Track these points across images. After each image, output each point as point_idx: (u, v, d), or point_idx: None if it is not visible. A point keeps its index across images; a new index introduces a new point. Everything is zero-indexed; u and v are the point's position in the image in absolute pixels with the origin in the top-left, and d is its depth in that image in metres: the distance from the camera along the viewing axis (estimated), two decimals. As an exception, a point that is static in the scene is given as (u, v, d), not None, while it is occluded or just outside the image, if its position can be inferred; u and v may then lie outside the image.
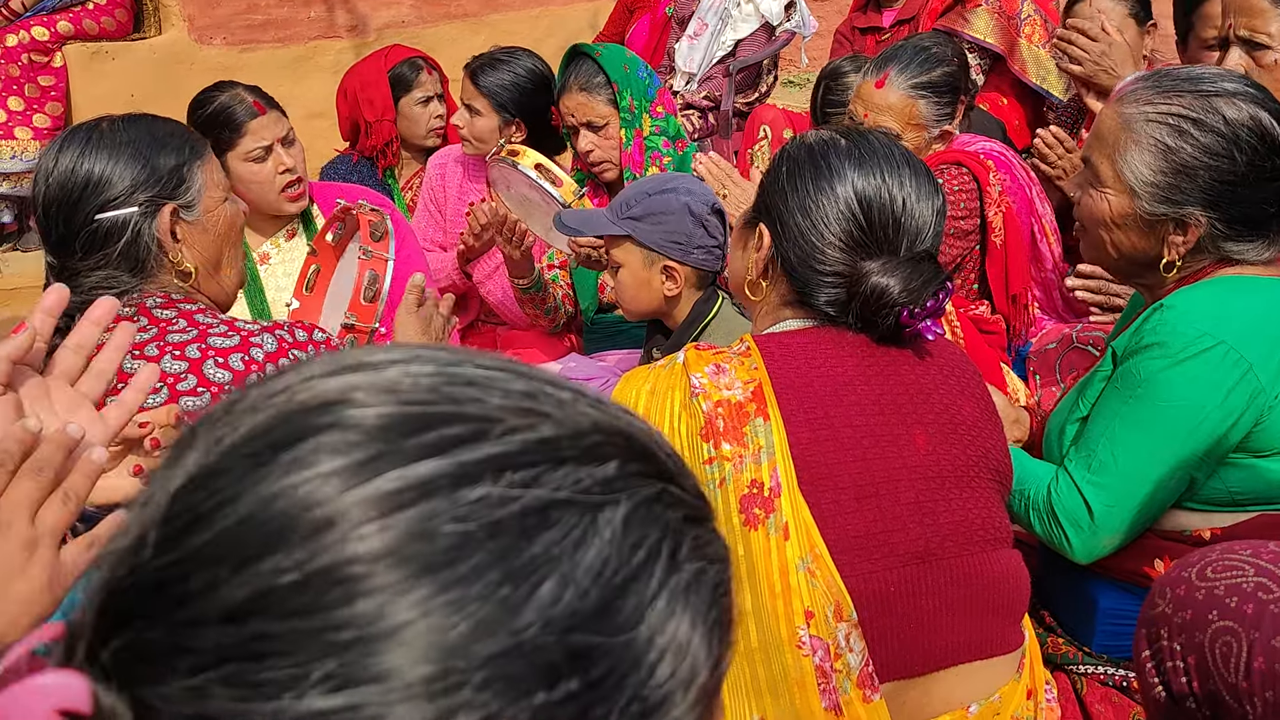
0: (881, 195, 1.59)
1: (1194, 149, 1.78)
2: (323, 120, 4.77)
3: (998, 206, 2.98)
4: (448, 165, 3.61)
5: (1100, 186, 1.89)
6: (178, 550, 0.51)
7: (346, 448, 0.52)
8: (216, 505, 0.51)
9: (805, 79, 7.55)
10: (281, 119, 2.91)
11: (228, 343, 1.74)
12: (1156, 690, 1.21)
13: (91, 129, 1.82)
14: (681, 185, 2.47)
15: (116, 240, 1.77)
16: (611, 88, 3.12)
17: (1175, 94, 1.82)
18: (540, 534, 0.51)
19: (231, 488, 0.52)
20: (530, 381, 0.58)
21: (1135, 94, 1.86)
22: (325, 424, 0.53)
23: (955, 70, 3.04)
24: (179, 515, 0.52)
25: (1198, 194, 1.79)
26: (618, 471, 0.55)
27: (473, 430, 0.53)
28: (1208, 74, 1.85)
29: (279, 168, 2.84)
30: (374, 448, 0.52)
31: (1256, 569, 1.16)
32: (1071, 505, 1.85)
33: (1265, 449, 1.81)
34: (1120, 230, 1.89)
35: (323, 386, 0.55)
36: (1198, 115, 1.79)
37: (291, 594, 0.49)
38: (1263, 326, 1.78)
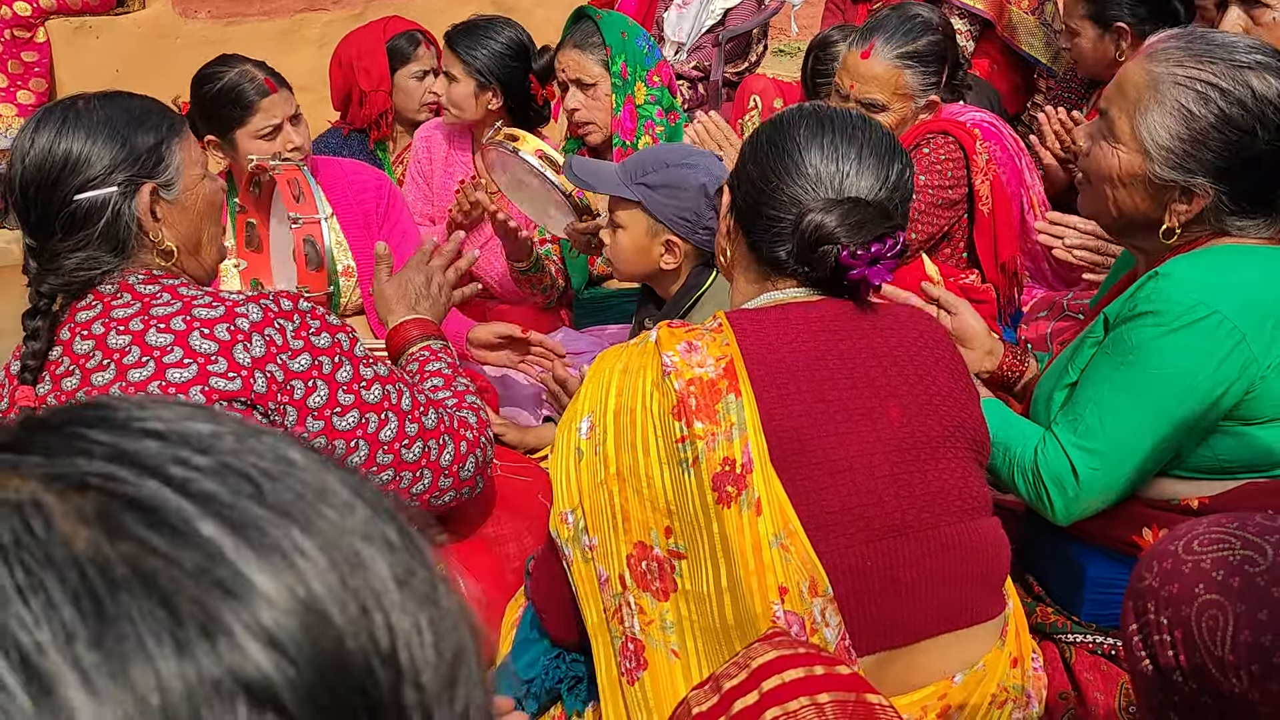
0: (835, 167, 1.60)
1: (1216, 118, 1.76)
2: (310, 94, 4.73)
3: (984, 175, 2.97)
4: (433, 137, 3.60)
5: (1114, 141, 1.86)
6: None
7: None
8: None
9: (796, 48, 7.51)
10: (290, 97, 2.90)
11: (213, 313, 1.73)
12: (1144, 664, 1.21)
13: (67, 108, 1.80)
14: (702, 164, 2.45)
15: (96, 220, 1.75)
16: (605, 50, 3.11)
17: (1207, 59, 1.78)
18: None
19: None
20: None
21: (1166, 53, 1.82)
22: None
23: (941, 39, 3.02)
24: None
25: (1210, 164, 1.77)
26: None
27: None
28: (1242, 43, 1.82)
29: (288, 145, 2.83)
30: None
31: (1243, 541, 1.17)
32: (1057, 467, 1.85)
33: (1255, 417, 1.81)
34: (1125, 189, 1.86)
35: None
36: (1226, 85, 1.76)
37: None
38: (1257, 296, 1.78)
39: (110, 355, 1.72)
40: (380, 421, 1.82)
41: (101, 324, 1.74)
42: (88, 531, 0.48)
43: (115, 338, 1.73)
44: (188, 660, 0.46)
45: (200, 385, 1.70)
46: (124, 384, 1.71)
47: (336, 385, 1.79)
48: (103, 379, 1.72)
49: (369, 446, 1.82)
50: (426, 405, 1.90)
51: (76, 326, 1.76)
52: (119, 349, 1.72)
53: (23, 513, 0.49)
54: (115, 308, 1.76)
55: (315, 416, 1.77)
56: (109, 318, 1.75)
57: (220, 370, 1.71)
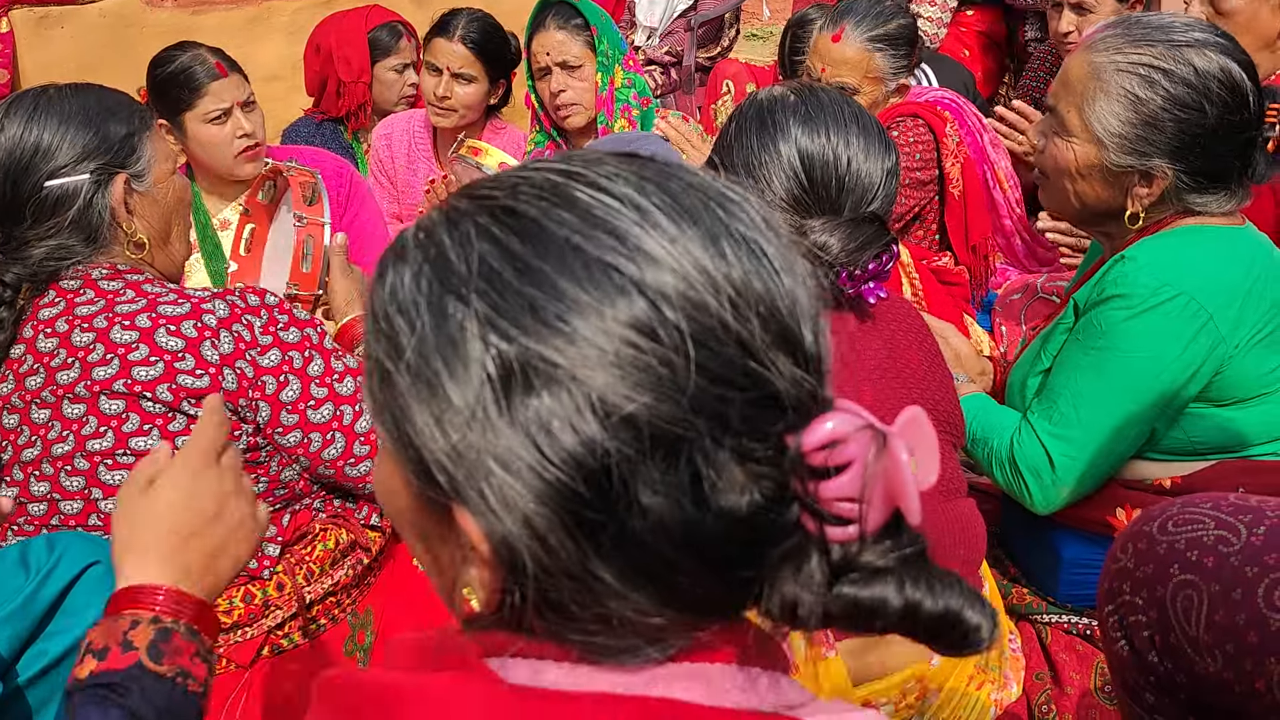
0: (826, 154, 1.58)
1: (1164, 100, 1.77)
2: (279, 83, 4.69)
3: (955, 158, 2.97)
4: (394, 135, 3.56)
5: (1066, 135, 1.87)
6: None
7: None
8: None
9: (768, 32, 7.50)
10: (243, 83, 2.87)
11: (178, 310, 1.72)
12: (1119, 644, 1.22)
13: (39, 95, 1.78)
14: (645, 147, 2.43)
15: (67, 209, 1.74)
16: (590, 31, 3.09)
17: (1146, 43, 1.80)
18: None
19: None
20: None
21: (1105, 41, 1.84)
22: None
23: (911, 22, 3.02)
24: None
25: (1165, 145, 1.79)
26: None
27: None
28: (1178, 23, 1.83)
29: (237, 131, 2.81)
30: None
31: (1217, 522, 1.17)
32: (1033, 456, 1.86)
33: (1225, 398, 1.82)
34: (1084, 180, 1.88)
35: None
36: (1168, 66, 1.77)
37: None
38: (1222, 277, 1.79)
39: (75, 353, 1.71)
40: (355, 413, 1.81)
41: (65, 321, 1.73)
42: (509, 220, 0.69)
43: (79, 335, 1.71)
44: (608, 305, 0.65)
45: (168, 383, 1.68)
46: (89, 381, 1.69)
47: (309, 379, 1.78)
48: (68, 377, 1.70)
49: (345, 438, 1.81)
50: (399, 396, 1.89)
51: (40, 324, 1.74)
52: (83, 347, 1.70)
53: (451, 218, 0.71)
54: (78, 305, 1.74)
55: (289, 411, 1.76)
56: (72, 315, 1.73)
57: (188, 368, 1.69)
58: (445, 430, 0.66)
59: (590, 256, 0.66)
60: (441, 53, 3.32)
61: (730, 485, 0.65)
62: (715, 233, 0.68)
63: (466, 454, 0.66)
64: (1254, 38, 2.74)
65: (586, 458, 0.63)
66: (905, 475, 0.67)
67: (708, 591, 0.68)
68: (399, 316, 0.69)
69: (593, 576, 0.65)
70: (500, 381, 0.65)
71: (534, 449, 0.64)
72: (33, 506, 1.75)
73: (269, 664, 1.82)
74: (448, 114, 3.35)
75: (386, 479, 0.74)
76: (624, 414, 0.63)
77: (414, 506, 0.72)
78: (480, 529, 0.66)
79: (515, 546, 0.65)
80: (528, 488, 0.64)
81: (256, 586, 1.80)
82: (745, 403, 0.65)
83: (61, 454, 1.72)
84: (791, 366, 0.67)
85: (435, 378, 0.66)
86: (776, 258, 0.70)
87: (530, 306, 0.65)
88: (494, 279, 0.66)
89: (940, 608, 0.69)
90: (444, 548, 0.73)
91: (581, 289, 0.65)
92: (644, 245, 0.66)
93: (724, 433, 0.64)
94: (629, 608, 0.66)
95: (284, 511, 1.84)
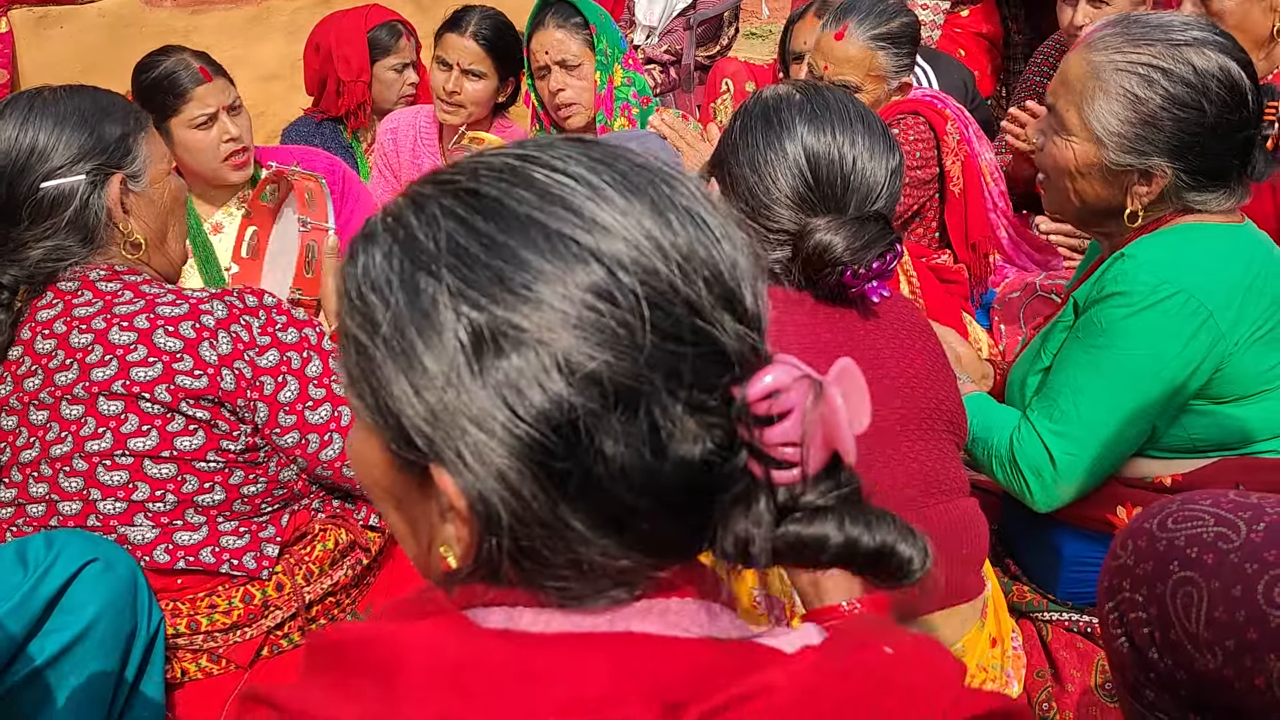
0: (831, 153, 1.57)
1: (1163, 99, 1.77)
2: (279, 83, 4.69)
3: (955, 156, 2.97)
4: (399, 129, 3.55)
5: (1065, 134, 1.87)
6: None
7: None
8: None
9: (767, 30, 7.50)
10: (229, 87, 2.85)
11: (176, 311, 1.72)
12: (1119, 642, 1.22)
13: (34, 97, 1.79)
14: (645, 145, 2.44)
15: (63, 209, 1.74)
16: (589, 30, 3.08)
17: (1145, 42, 1.80)
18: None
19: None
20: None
21: (1104, 40, 1.84)
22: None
23: (914, 20, 3.02)
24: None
25: (1164, 144, 1.78)
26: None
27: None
28: (1177, 22, 1.83)
29: (223, 136, 2.79)
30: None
31: (1217, 519, 1.17)
32: (1034, 454, 1.86)
33: (1225, 395, 1.82)
34: (1084, 179, 1.87)
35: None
36: (1167, 65, 1.77)
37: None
38: (1222, 274, 1.79)
39: (73, 355, 1.71)
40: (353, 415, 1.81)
41: (63, 323, 1.73)
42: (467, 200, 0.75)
43: (78, 337, 1.71)
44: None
45: (166, 384, 1.68)
46: (87, 383, 1.69)
47: (307, 380, 1.77)
48: (66, 379, 1.70)
49: (343, 439, 1.80)
50: (398, 397, 1.89)
51: (38, 326, 1.74)
52: (82, 348, 1.70)
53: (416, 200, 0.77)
54: (76, 306, 1.74)
55: (287, 411, 1.76)
56: (70, 316, 1.73)
57: (186, 368, 1.69)
58: (422, 396, 0.71)
59: (550, 230, 0.72)
60: (453, 48, 3.32)
61: (684, 435, 0.71)
62: (661, 206, 0.74)
63: (443, 417, 0.71)
64: (1245, 37, 2.73)
65: (554, 413, 0.69)
66: (841, 419, 0.74)
67: (667, 534, 0.74)
68: (372, 294, 0.74)
69: (563, 524, 0.71)
70: (472, 347, 0.70)
71: (505, 407, 0.70)
72: (31, 508, 1.74)
73: (268, 664, 1.82)
74: (456, 110, 3.34)
75: (362, 450, 0.79)
76: (587, 371, 0.69)
77: (390, 473, 0.77)
78: (457, 486, 0.71)
79: (491, 500, 0.71)
80: (501, 444, 0.70)
81: (256, 587, 1.79)
82: (695, 357, 0.71)
83: (60, 455, 1.72)
84: (735, 324, 0.74)
85: (411, 348, 0.72)
86: (717, 227, 0.76)
87: (498, 278, 0.71)
88: (462, 254, 0.72)
89: (876, 542, 0.76)
90: (419, 510, 0.78)
91: (544, 259, 0.71)
92: (598, 218, 0.73)
93: (678, 386, 0.71)
94: (597, 552, 0.72)
95: (283, 512, 1.84)
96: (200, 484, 1.74)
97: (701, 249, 0.74)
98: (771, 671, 0.73)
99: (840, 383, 0.75)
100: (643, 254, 0.72)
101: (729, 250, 0.76)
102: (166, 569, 1.74)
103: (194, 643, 1.77)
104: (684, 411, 0.71)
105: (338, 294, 0.79)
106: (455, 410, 0.71)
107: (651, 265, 0.72)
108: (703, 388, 0.72)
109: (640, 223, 0.73)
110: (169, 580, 1.76)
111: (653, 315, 0.71)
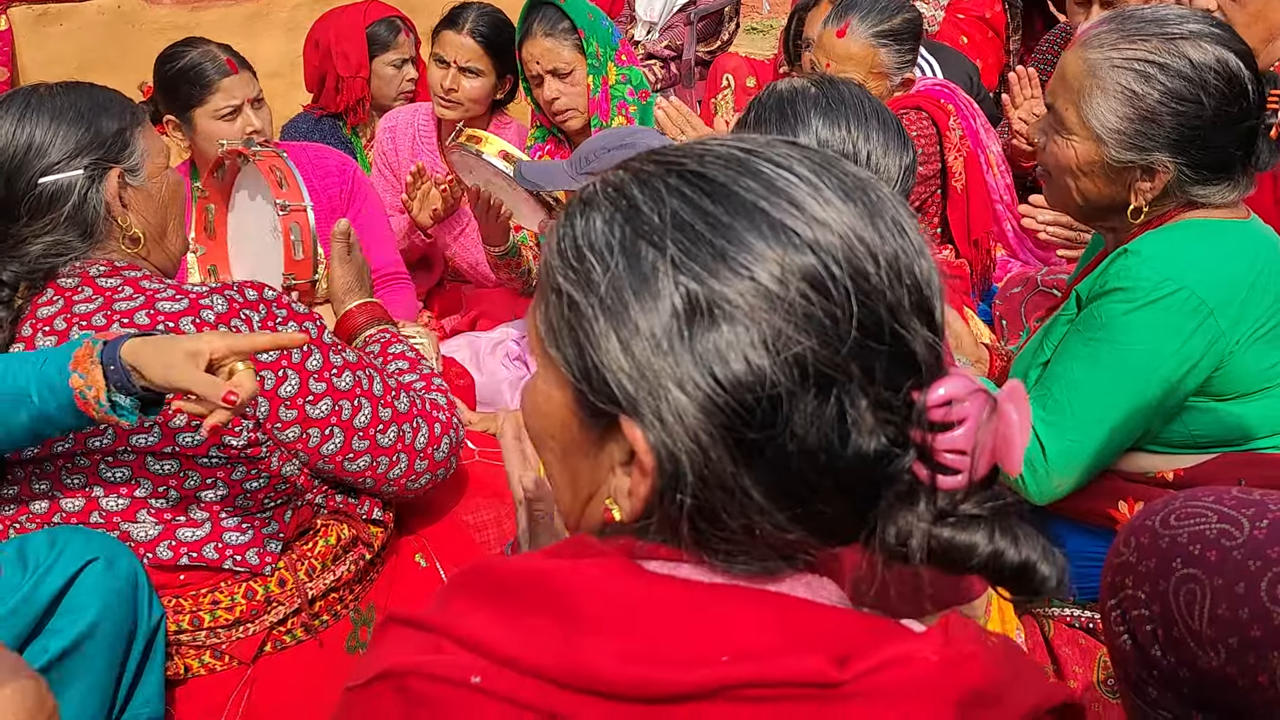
0: (845, 147, 1.57)
1: (1161, 94, 1.76)
2: (279, 80, 4.68)
3: (958, 151, 2.97)
4: (398, 127, 3.55)
5: (1066, 133, 1.87)
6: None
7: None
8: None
9: (768, 25, 7.50)
10: (253, 80, 2.88)
11: (176, 306, 1.72)
12: (1122, 639, 1.22)
13: (29, 93, 1.79)
14: (642, 141, 2.44)
15: (62, 205, 1.75)
16: (577, 34, 3.07)
17: (1140, 38, 1.79)
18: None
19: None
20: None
21: (1100, 38, 1.83)
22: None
23: (916, 16, 3.02)
24: None
25: (1165, 140, 1.78)
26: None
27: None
28: (1172, 15, 1.82)
29: (247, 128, 2.81)
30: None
31: (1220, 515, 1.17)
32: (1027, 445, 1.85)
33: (1227, 392, 1.82)
34: (1086, 177, 1.87)
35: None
36: (1164, 60, 1.76)
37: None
38: (1226, 271, 1.78)
39: None
40: (354, 408, 1.81)
41: (64, 319, 1.72)
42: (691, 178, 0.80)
43: (78, 333, 1.71)
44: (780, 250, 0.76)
45: (167, 380, 1.68)
46: (89, 379, 1.69)
47: (307, 374, 1.77)
48: (67, 375, 1.70)
49: (344, 434, 1.80)
50: (398, 389, 1.89)
51: (38, 322, 1.74)
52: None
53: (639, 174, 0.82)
54: (77, 303, 1.74)
55: (288, 406, 1.76)
56: (71, 313, 1.73)
57: (187, 364, 1.69)
58: (632, 353, 0.77)
59: (774, 219, 0.77)
60: (450, 45, 3.31)
61: (865, 427, 0.76)
62: (873, 213, 0.80)
63: (648, 375, 0.76)
64: (1263, 26, 2.73)
65: (755, 386, 0.74)
66: (1015, 434, 0.78)
67: (835, 516, 0.78)
68: (590, 254, 0.80)
69: (744, 491, 0.76)
70: (686, 315, 0.76)
71: (709, 375, 0.75)
72: (34, 504, 1.74)
73: (271, 660, 1.82)
74: (453, 107, 3.33)
75: (542, 400, 0.85)
76: (792, 353, 0.74)
77: (569, 424, 0.83)
78: (648, 442, 0.77)
79: (680, 459, 0.76)
80: (700, 408, 0.75)
81: (258, 583, 1.79)
82: (889, 357, 0.77)
83: (61, 452, 1.71)
84: (926, 332, 0.79)
85: (626, 308, 0.77)
86: (917, 241, 0.81)
87: (720, 255, 0.76)
88: (686, 229, 0.78)
89: (1021, 557, 0.79)
90: (588, 463, 0.83)
91: (767, 244, 0.76)
92: (819, 215, 0.78)
93: (869, 382, 0.76)
94: (769, 522, 0.77)
95: (286, 507, 1.84)
96: (202, 480, 1.74)
97: (905, 257, 0.79)
98: (914, 641, 0.78)
99: (1013, 399, 0.78)
100: (856, 254, 0.77)
101: (927, 265, 0.81)
102: (169, 565, 1.74)
103: (196, 639, 1.77)
104: (869, 406, 0.76)
105: (549, 250, 0.84)
106: (661, 371, 0.76)
107: (863, 266, 0.77)
108: (890, 386, 0.77)
109: (855, 225, 0.78)
110: (171, 576, 1.76)
111: (859, 312, 0.76)
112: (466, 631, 0.77)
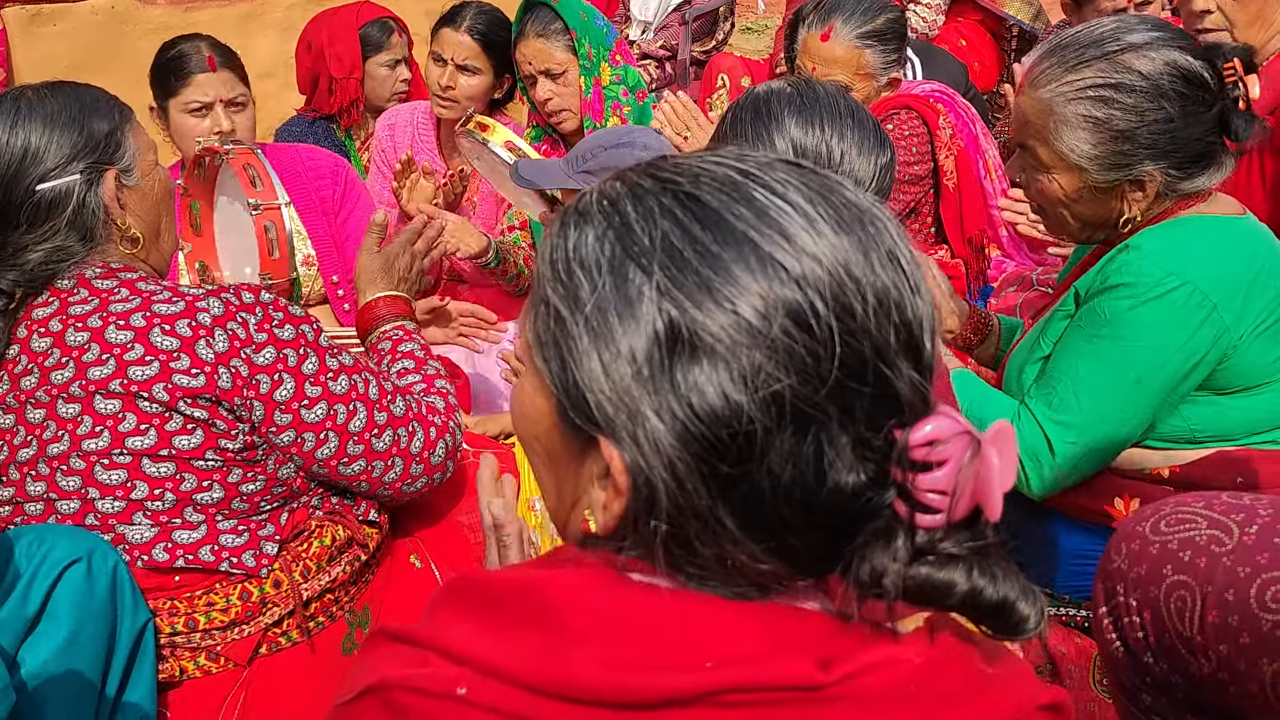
0: (819, 147, 1.57)
1: (1124, 113, 1.76)
2: (272, 80, 4.67)
3: (949, 150, 2.97)
4: (397, 125, 3.55)
5: (1045, 170, 1.87)
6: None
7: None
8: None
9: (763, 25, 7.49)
10: (234, 81, 2.85)
11: (173, 309, 1.72)
12: (1115, 645, 1.22)
13: (18, 99, 1.78)
14: (638, 140, 2.44)
15: (61, 210, 1.74)
16: (569, 35, 3.07)
17: (1082, 64, 1.79)
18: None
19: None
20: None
21: (1045, 74, 1.83)
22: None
23: (900, 16, 3.02)
24: None
25: (1143, 151, 1.78)
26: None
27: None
28: (1106, 32, 1.81)
29: (215, 128, 2.79)
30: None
31: (1209, 521, 1.17)
32: (1032, 441, 1.86)
33: (1229, 387, 1.82)
34: (1077, 204, 1.87)
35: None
36: (1115, 79, 1.76)
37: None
38: (1227, 267, 1.79)
39: (69, 353, 1.70)
40: (349, 412, 1.81)
41: (59, 321, 1.72)
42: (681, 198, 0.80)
43: (74, 335, 1.71)
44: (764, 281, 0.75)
45: (163, 382, 1.68)
46: (84, 381, 1.69)
47: (303, 377, 1.77)
48: (62, 377, 1.70)
49: (339, 438, 1.80)
50: (394, 393, 1.89)
51: (33, 324, 1.74)
52: (78, 346, 1.70)
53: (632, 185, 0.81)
54: (72, 304, 1.74)
55: (283, 410, 1.76)
56: (66, 314, 1.73)
57: (183, 367, 1.69)
58: (611, 376, 0.77)
59: (763, 251, 0.77)
60: (448, 43, 3.31)
61: (844, 465, 0.76)
62: (867, 245, 0.79)
63: (626, 400, 0.76)
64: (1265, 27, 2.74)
65: (732, 421, 0.74)
66: (994, 478, 0.77)
67: (810, 550, 0.78)
68: (579, 270, 0.80)
69: (717, 521, 0.76)
70: (668, 343, 0.76)
71: (687, 406, 0.75)
72: (29, 506, 1.74)
73: (267, 662, 1.82)
74: (451, 105, 3.33)
75: (529, 406, 0.85)
76: (771, 390, 0.74)
77: (553, 433, 0.83)
78: (624, 462, 0.77)
79: (655, 484, 0.77)
80: (676, 437, 0.75)
81: (253, 584, 1.79)
82: (871, 398, 0.76)
83: (57, 454, 1.71)
84: (912, 372, 0.78)
85: (610, 331, 0.77)
86: (912, 275, 0.80)
87: (705, 285, 0.76)
88: (675, 255, 0.77)
89: (999, 596, 0.79)
90: (571, 471, 0.84)
91: (753, 278, 0.76)
92: (808, 248, 0.77)
93: (849, 421, 0.76)
94: (743, 553, 0.77)
95: (282, 510, 1.84)
96: (199, 482, 1.74)
97: (896, 293, 0.78)
98: (896, 645, 0.79)
99: (997, 443, 0.78)
100: (844, 291, 0.76)
101: (920, 303, 0.80)
102: (165, 567, 1.74)
103: (192, 640, 1.77)
104: (848, 444, 0.76)
105: (542, 259, 0.83)
106: (639, 397, 0.76)
107: (850, 304, 0.76)
108: (870, 426, 0.76)
109: (847, 259, 0.77)
110: (166, 578, 1.75)
111: (842, 351, 0.75)
112: (452, 643, 0.77)
